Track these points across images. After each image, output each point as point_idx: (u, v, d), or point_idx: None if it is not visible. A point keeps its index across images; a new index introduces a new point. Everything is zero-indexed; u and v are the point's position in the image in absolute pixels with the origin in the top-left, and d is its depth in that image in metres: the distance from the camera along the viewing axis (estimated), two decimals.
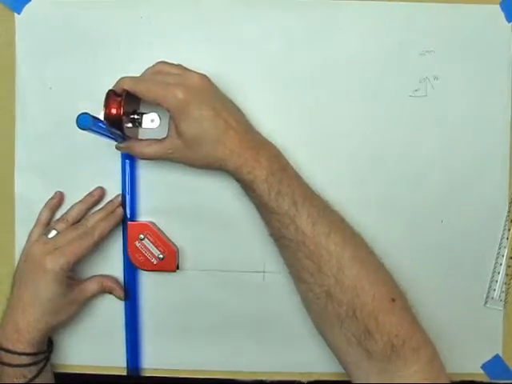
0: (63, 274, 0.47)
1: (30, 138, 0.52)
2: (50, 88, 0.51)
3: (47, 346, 0.50)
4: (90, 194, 0.51)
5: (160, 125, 0.48)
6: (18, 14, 0.51)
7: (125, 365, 0.53)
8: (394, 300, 0.43)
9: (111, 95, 0.48)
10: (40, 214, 0.51)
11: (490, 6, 0.51)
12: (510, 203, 0.52)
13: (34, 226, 0.51)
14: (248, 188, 0.46)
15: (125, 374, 0.53)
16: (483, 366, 0.53)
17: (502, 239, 0.52)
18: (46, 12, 0.51)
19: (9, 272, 0.51)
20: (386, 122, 0.52)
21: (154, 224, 0.51)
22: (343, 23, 0.51)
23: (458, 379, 0.52)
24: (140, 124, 0.48)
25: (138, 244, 0.50)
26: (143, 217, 0.52)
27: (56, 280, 0.47)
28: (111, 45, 0.51)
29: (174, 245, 0.52)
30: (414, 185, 0.52)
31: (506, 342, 0.52)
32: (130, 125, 0.48)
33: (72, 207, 0.51)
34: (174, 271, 0.51)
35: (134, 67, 0.51)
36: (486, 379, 0.53)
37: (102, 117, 0.47)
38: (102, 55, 0.51)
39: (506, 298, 0.52)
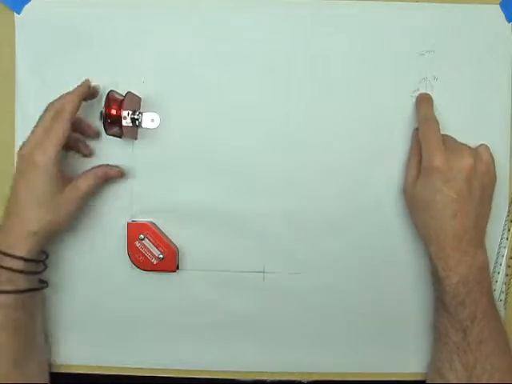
0: (53, 166, 0.46)
1: None
2: (50, 88, 0.51)
3: (42, 260, 0.48)
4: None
5: (160, 125, 0.48)
6: (18, 13, 0.51)
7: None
8: None
9: (111, 95, 0.48)
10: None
11: (490, 5, 0.51)
12: (510, 203, 0.52)
13: None
14: (436, 279, 0.47)
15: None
16: None
17: (501, 239, 0.52)
18: (46, 12, 0.51)
19: None
20: (386, 122, 0.52)
21: (153, 224, 0.51)
22: (343, 23, 0.51)
23: None
24: (140, 124, 0.48)
25: (137, 244, 0.50)
26: (143, 217, 0.52)
27: (47, 173, 0.45)
28: (111, 45, 0.51)
29: (174, 245, 0.52)
30: None
31: None
32: (130, 124, 0.48)
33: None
34: (174, 271, 0.51)
35: (134, 67, 0.51)
36: None
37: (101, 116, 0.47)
38: (101, 55, 0.51)
39: (506, 298, 0.52)
